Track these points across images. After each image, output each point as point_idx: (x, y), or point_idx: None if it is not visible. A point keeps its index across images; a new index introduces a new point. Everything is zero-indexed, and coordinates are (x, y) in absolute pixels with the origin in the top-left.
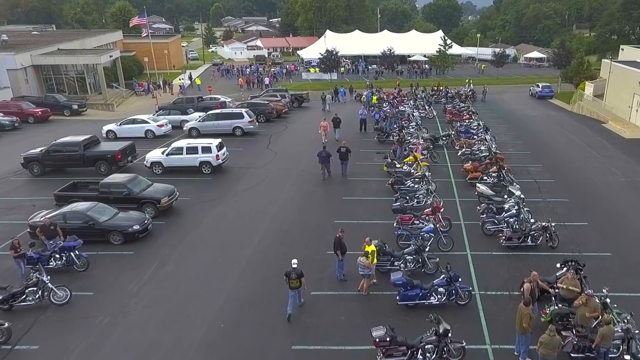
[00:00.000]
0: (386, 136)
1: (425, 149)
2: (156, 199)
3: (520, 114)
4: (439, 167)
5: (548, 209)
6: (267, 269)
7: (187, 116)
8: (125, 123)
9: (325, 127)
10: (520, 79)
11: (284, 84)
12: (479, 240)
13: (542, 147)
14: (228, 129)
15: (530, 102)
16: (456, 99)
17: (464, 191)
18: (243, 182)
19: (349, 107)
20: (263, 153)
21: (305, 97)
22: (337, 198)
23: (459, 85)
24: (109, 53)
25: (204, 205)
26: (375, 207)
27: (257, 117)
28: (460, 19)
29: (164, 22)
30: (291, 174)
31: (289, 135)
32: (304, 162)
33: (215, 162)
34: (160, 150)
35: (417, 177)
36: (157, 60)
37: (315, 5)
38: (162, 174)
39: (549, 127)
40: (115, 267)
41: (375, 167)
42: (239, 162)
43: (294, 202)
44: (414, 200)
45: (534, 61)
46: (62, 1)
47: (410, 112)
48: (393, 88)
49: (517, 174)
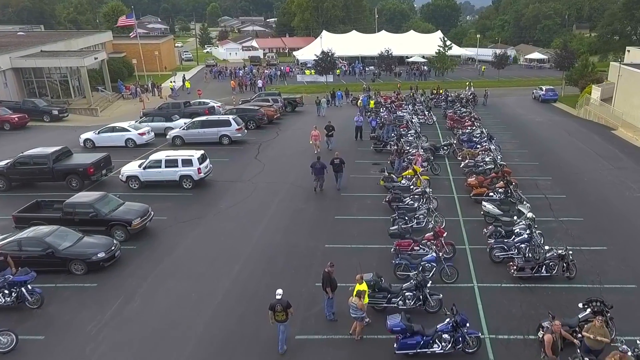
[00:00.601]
0: (383, 145)
1: (426, 161)
2: (127, 220)
3: (525, 119)
4: (440, 180)
5: (561, 230)
6: (247, 305)
7: (171, 123)
8: (104, 131)
9: (317, 136)
10: (522, 81)
11: (277, 87)
12: (487, 269)
13: (551, 157)
14: (214, 137)
15: (533, 106)
16: (457, 103)
17: (468, 209)
18: (227, 198)
19: (345, 111)
20: (251, 164)
21: (299, 102)
22: (329, 217)
23: (459, 87)
24: (94, 55)
25: (181, 226)
26: (371, 228)
27: (246, 124)
28: (459, 19)
29: (160, 22)
30: (279, 188)
31: (279, 144)
32: (294, 175)
33: (196, 176)
34: (137, 163)
35: (417, 194)
36: (147, 62)
37: (311, 5)
38: (139, 189)
39: (556, 134)
40: (75, 302)
41: (372, 180)
42: (224, 175)
43: (281, 222)
44: (414, 221)
45: (535, 62)
46: (54, 1)
47: (409, 118)
48: (392, 92)
49: (525, 189)
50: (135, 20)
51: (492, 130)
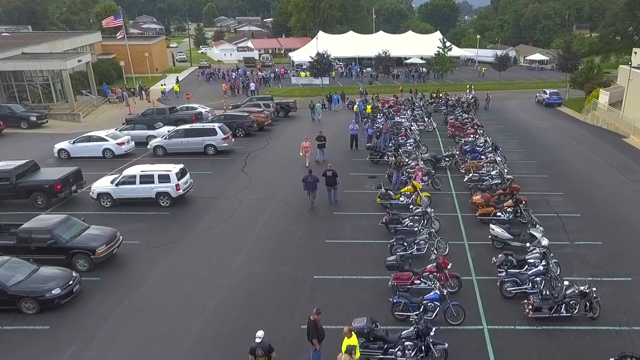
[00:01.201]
0: (380, 156)
1: (426, 174)
2: (90, 248)
3: (529, 125)
4: (441, 196)
5: (578, 256)
6: (222, 350)
7: (154, 131)
8: (79, 141)
9: (307, 148)
10: (524, 84)
11: (272, 90)
12: (498, 307)
13: (560, 169)
14: (199, 147)
15: (537, 111)
16: (458, 108)
17: (473, 231)
18: (207, 218)
19: (341, 116)
20: (236, 178)
21: (292, 106)
22: (319, 241)
23: (459, 90)
24: (78, 57)
25: (154, 251)
26: (366, 255)
27: (235, 131)
28: (458, 19)
29: (155, 22)
30: (266, 206)
31: (269, 154)
32: (283, 190)
33: (174, 193)
34: (110, 178)
35: (417, 215)
36: (137, 64)
37: (308, 5)
38: (111, 208)
39: (564, 143)
40: (20, 350)
41: (367, 196)
42: (206, 190)
43: (265, 248)
44: (414, 247)
45: (536, 63)
46: (47, 1)
47: (408, 125)
48: (392, 95)
49: (535, 206)
50: (122, 21)
51: (495, 137)
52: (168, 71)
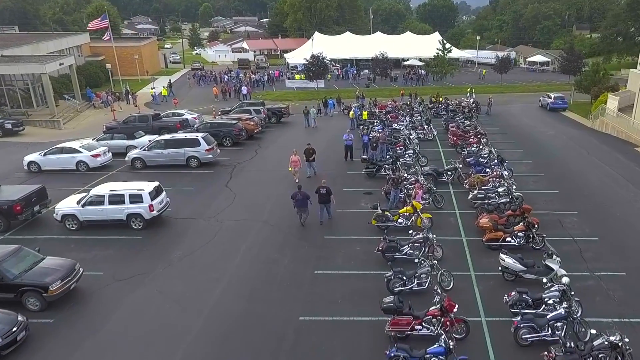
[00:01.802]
0: (376, 169)
1: (427, 191)
2: (43, 285)
3: (535, 132)
4: (444, 216)
5: (600, 291)
6: None
7: (134, 141)
8: (51, 152)
9: (296, 162)
10: (526, 87)
11: (265, 93)
12: (512, 358)
13: (572, 184)
14: (181, 159)
15: (542, 116)
16: (459, 114)
17: (481, 258)
18: (183, 244)
19: (337, 122)
20: (219, 194)
21: (285, 112)
22: (307, 272)
23: (460, 93)
24: (59, 60)
25: (119, 286)
26: (360, 289)
27: (222, 140)
28: (456, 20)
29: (150, 22)
30: (250, 229)
31: (256, 166)
32: (269, 210)
33: (148, 214)
34: (76, 198)
35: (418, 241)
36: (127, 66)
37: (304, 5)
38: (77, 231)
39: (574, 153)
40: None
41: (362, 216)
42: (185, 209)
43: (246, 280)
44: (414, 282)
45: (537, 65)
46: (38, 1)
47: (407, 134)
48: (390, 99)
49: (548, 229)
50: (108, 22)
51: (499, 147)
52: (159, 73)
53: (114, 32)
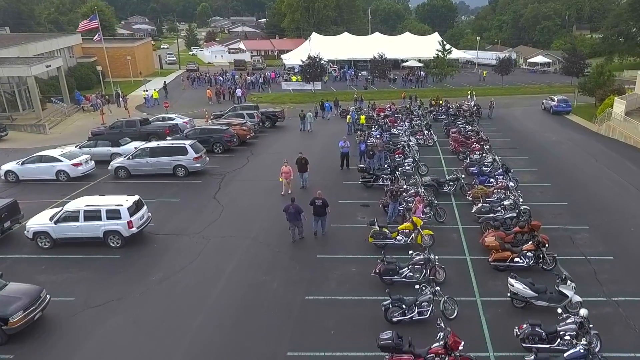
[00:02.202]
0: (374, 179)
1: (428, 205)
2: (1, 317)
3: (539, 138)
4: (446, 231)
5: (620, 320)
6: None
7: (119, 148)
8: (29, 161)
9: (288, 173)
10: (528, 89)
11: (260, 96)
12: None
13: (581, 195)
14: (167, 168)
15: (545, 120)
16: (460, 117)
17: (486, 280)
18: (164, 264)
19: (333, 126)
20: (206, 207)
21: (280, 115)
22: (298, 297)
23: (460, 96)
24: (46, 62)
25: (91, 313)
26: (354, 318)
27: (212, 147)
28: (455, 20)
29: (147, 22)
30: (237, 246)
31: (247, 175)
32: (259, 225)
33: (126, 231)
34: (49, 213)
35: (419, 263)
36: (120, 68)
37: (302, 5)
38: (50, 249)
39: (581, 160)
40: None
41: (358, 232)
42: (169, 224)
43: (230, 307)
44: (414, 311)
45: (538, 66)
46: (33, 1)
47: (406, 140)
48: (389, 103)
49: (558, 246)
50: (98, 22)
51: (503, 154)
52: (154, 75)
53: (109, 33)
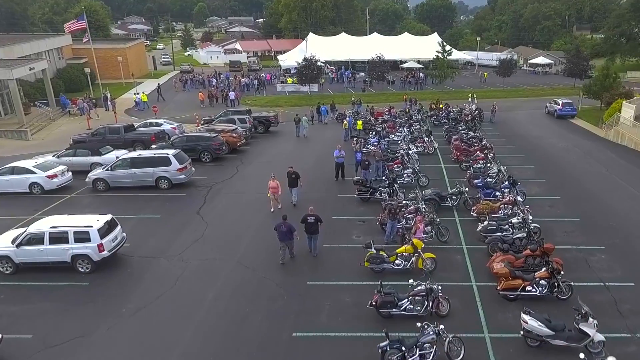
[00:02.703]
0: (371, 193)
1: (429, 223)
2: None
3: (545, 144)
4: (449, 253)
5: None
6: None
7: (99, 157)
8: (1, 173)
9: (275, 188)
10: (530, 91)
11: (254, 99)
12: None
13: (594, 209)
14: (149, 180)
15: (550, 124)
16: (461, 122)
17: (495, 312)
18: (137, 293)
19: (330, 131)
20: (189, 224)
21: (273, 120)
22: (284, 334)
23: (461, 99)
24: (29, 65)
25: (49, 354)
26: None
27: (200, 156)
28: (454, 20)
29: (143, 22)
30: (219, 271)
31: (236, 187)
32: (245, 245)
33: (97, 255)
34: (12, 234)
35: (420, 294)
36: (111, 69)
37: (299, 5)
38: (12, 275)
39: (591, 169)
40: None
41: (353, 253)
42: (146, 246)
43: (208, 346)
44: (415, 353)
45: (540, 67)
46: (27, 1)
47: (405, 149)
48: (387, 107)
49: (572, 270)
50: (85, 22)
51: (507, 162)
52: (147, 76)
53: (103, 33)
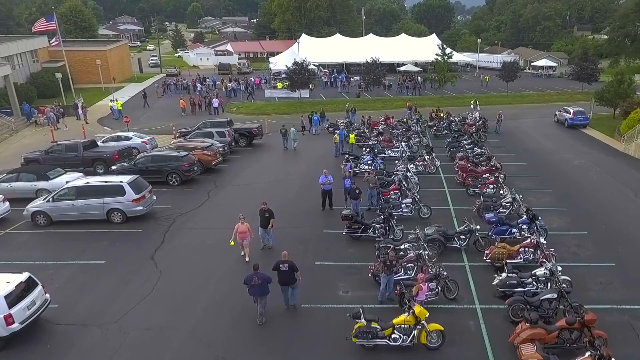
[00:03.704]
0: (362, 230)
1: (434, 277)
2: None
3: (559, 160)
4: (458, 317)
5: None
6: None
7: (47, 182)
8: None
9: (244, 234)
10: (536, 96)
11: (240, 105)
12: None
13: (630, 250)
14: (99, 212)
15: (561, 136)
16: (465, 135)
17: None
18: None
19: (322, 143)
20: (138, 274)
21: (257, 133)
22: None
23: (462, 105)
24: None
25: None
26: None
27: (167, 178)
28: (452, 20)
29: (135, 22)
30: (165, 348)
31: (203, 220)
32: (203, 305)
33: (4, 330)
34: None
35: None
36: (89, 73)
37: (293, 5)
38: None
39: (617, 194)
40: None
41: (339, 317)
42: (78, 307)
43: None
44: None
45: (544, 70)
46: (13, 0)
47: (403, 170)
48: (384, 115)
49: (618, 343)
50: (55, 23)
51: (520, 184)
52: (130, 80)
53: (89, 34)
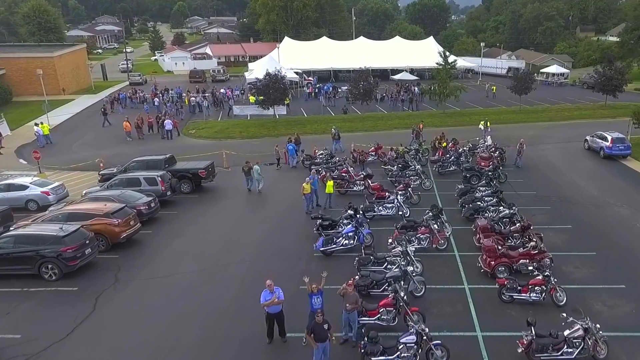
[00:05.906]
0: None
1: None
2: None
3: (609, 215)
4: None
5: None
6: None
7: None
8: None
9: None
10: (554, 112)
11: (204, 125)
12: None
13: None
14: None
15: (601, 172)
16: (480, 177)
17: None
18: None
19: (293, 189)
20: None
21: (205, 175)
22: None
23: (468, 123)
24: None
25: None
26: None
27: (39, 270)
28: (448, 20)
29: (116, 22)
30: None
31: (80, 356)
32: None
33: None
34: None
35: None
36: (35, 83)
37: (279, 4)
38: None
39: None
40: None
41: None
42: None
43: None
44: None
45: (554, 77)
46: None
47: (402, 264)
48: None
49: None
50: None
51: (567, 262)
52: (86, 91)
53: (54, 36)
